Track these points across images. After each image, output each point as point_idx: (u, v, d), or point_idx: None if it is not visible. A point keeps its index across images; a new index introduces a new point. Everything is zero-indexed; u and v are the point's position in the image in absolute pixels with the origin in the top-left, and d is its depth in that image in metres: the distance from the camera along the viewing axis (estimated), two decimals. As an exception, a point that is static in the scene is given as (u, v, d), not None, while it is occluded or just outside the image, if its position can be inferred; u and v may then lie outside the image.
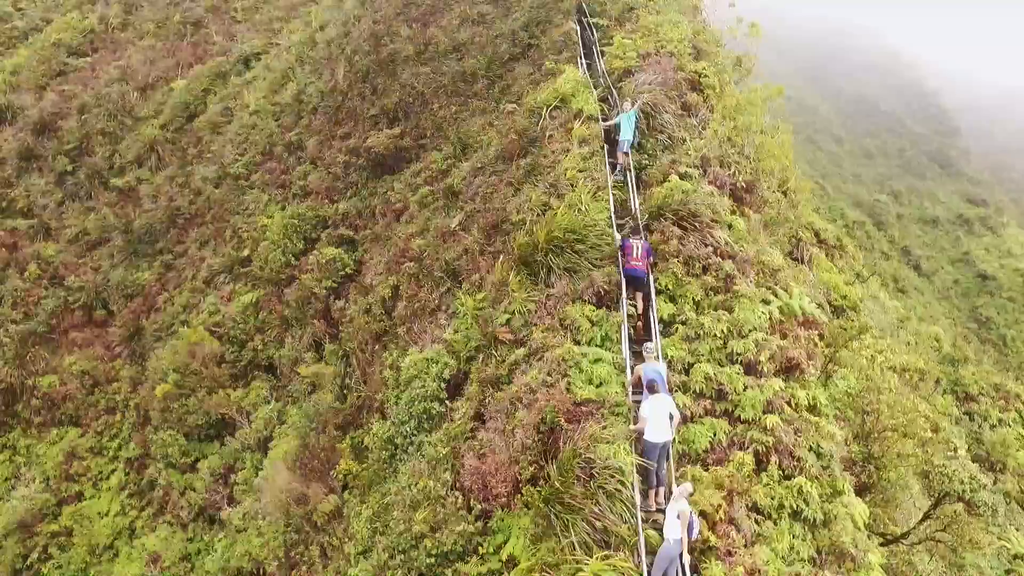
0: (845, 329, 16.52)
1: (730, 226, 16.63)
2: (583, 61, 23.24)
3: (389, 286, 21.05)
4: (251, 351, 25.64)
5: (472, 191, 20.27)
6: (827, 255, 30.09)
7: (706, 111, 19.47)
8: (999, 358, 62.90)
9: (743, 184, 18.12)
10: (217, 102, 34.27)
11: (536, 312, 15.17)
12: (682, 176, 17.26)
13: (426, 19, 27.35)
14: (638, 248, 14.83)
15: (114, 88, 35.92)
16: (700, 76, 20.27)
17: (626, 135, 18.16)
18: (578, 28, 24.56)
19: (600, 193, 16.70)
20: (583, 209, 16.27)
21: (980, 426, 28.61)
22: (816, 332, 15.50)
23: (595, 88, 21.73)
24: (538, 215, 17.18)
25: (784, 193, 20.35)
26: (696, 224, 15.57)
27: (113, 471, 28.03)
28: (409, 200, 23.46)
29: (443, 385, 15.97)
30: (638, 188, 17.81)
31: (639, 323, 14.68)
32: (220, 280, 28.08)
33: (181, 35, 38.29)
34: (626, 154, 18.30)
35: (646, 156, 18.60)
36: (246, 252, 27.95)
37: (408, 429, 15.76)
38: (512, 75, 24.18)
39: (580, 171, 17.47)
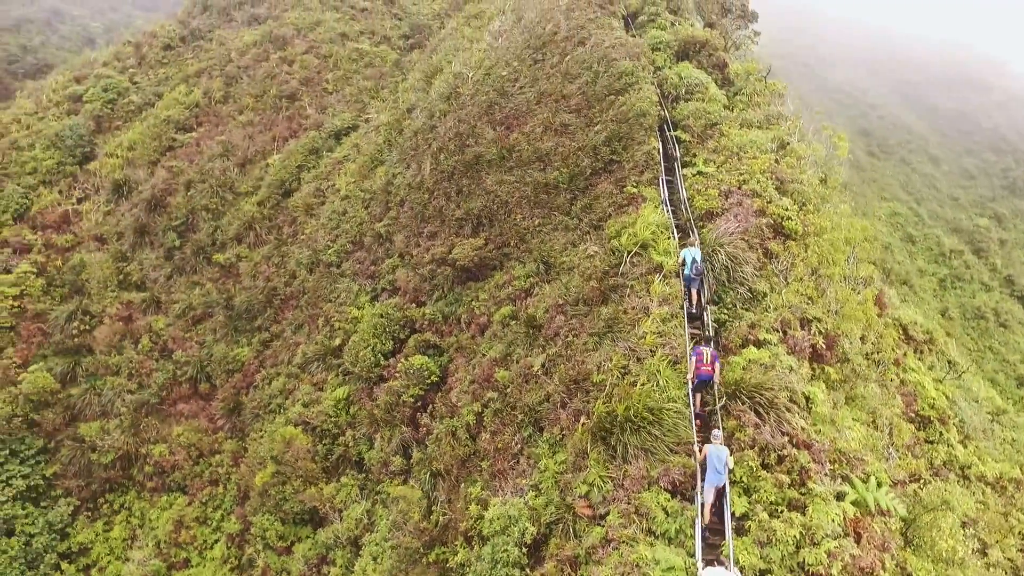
0: (923, 505, 16.50)
1: (808, 399, 16.86)
2: (664, 183, 23.55)
3: (473, 413, 22.05)
4: (342, 446, 27.19)
5: (553, 329, 20.98)
6: (915, 351, 29.45)
7: (788, 259, 19.56)
8: (1116, 401, 59.36)
9: (823, 343, 18.21)
10: (310, 180, 36.07)
11: (613, 492, 15.82)
12: (760, 344, 17.53)
13: (509, 123, 28.08)
14: (707, 355, 16.49)
15: (216, 164, 38.24)
16: (783, 219, 20.31)
17: (688, 270, 18.91)
18: (660, 144, 24.80)
19: (679, 366, 17.14)
20: (661, 384, 16.78)
21: (1088, 539, 27.47)
22: (892, 520, 15.60)
23: (675, 213, 22.19)
24: (619, 377, 17.77)
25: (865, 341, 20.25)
26: (772, 411, 15.86)
27: (216, 541, 30.31)
28: (493, 316, 24.40)
29: (524, 550, 16.83)
30: (716, 345, 18.18)
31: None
32: (314, 368, 29.76)
33: (277, 108, 40.31)
34: (691, 290, 19.06)
35: (725, 310, 18.89)
36: (337, 342, 29.55)
37: (491, 592, 16.71)
38: (594, 192, 24.70)
39: (659, 335, 17.93)
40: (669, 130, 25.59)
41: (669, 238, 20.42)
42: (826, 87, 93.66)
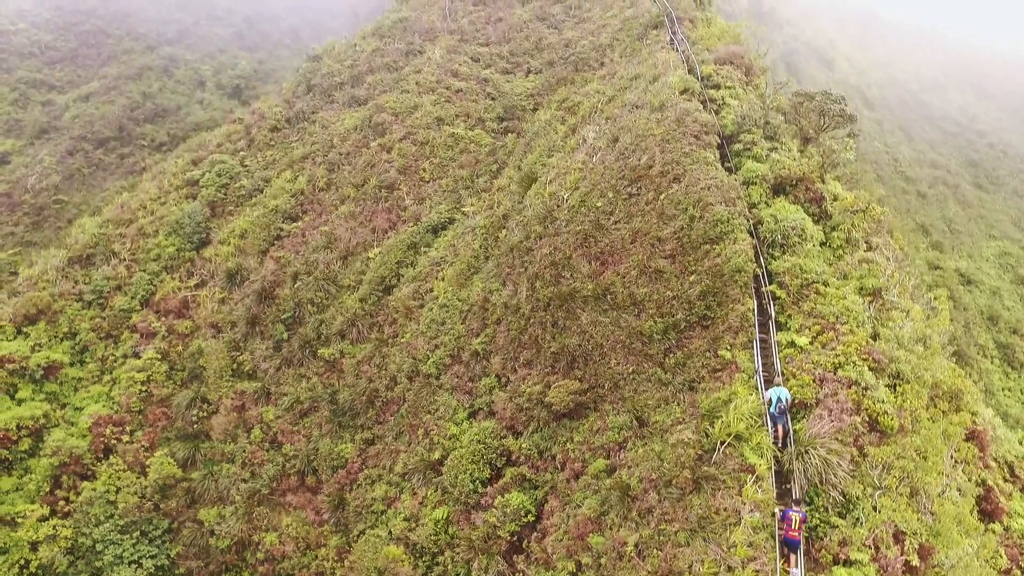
0: None
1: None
2: (759, 343, 23.98)
3: (567, 572, 23.19)
4: (441, 566, 28.83)
5: (647, 505, 21.84)
6: (1022, 490, 28.76)
7: (882, 460, 19.80)
8: None
9: (917, 557, 18.47)
10: (409, 280, 37.79)
11: None
12: (850, 563, 17.99)
13: (605, 258, 28.89)
14: (796, 520, 18.01)
15: (320, 256, 40.47)
16: (878, 414, 20.52)
17: (773, 409, 20.78)
18: (755, 300, 25.17)
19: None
20: (752, 607, 17.50)
21: None
22: None
23: (767, 380, 22.68)
24: (710, 585, 18.57)
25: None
26: (865, 654, 16.38)
27: (323, 634, 32.60)
28: (588, 465, 25.42)
29: None
30: (806, 554, 18.73)
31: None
32: (415, 480, 31.49)
33: (376, 199, 42.20)
34: (776, 426, 20.76)
35: (817, 515, 19.34)
36: (437, 456, 31.19)
37: None
38: (688, 347, 25.34)
39: (749, 545, 18.58)
40: (765, 284, 25.86)
41: (763, 427, 20.93)
42: (931, 115, 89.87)
